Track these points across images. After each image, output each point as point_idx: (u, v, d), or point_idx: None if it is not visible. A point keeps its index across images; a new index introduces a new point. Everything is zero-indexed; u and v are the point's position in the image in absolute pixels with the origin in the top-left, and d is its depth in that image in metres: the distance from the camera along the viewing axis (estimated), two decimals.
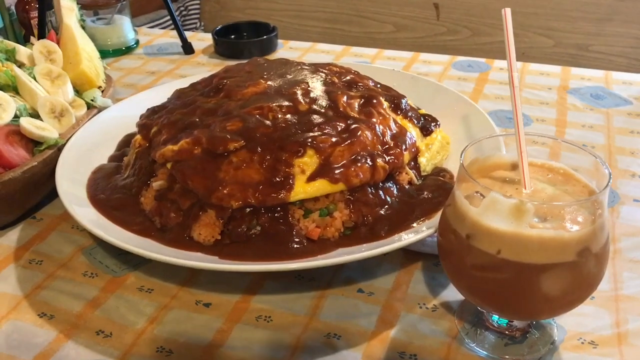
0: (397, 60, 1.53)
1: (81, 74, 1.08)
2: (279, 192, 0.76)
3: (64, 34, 1.14)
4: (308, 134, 0.80)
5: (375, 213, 0.79)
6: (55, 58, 1.09)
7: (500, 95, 1.32)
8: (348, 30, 2.33)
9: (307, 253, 0.74)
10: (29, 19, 1.54)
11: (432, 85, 1.13)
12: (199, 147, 0.80)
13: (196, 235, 0.78)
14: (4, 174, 0.85)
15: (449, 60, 1.51)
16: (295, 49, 1.61)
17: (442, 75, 1.43)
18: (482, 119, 0.99)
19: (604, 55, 2.08)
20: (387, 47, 2.26)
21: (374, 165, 0.80)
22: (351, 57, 1.56)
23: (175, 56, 1.59)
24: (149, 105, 1.09)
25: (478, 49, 2.19)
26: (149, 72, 1.49)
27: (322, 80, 0.92)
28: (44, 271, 0.83)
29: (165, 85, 1.18)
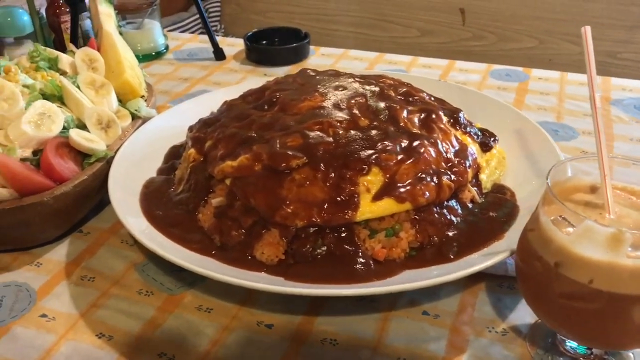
0: (432, 68, 1.51)
1: (125, 83, 1.06)
2: (345, 211, 0.74)
3: (105, 42, 1.12)
4: (371, 151, 0.78)
5: (442, 233, 0.77)
6: (97, 66, 1.07)
7: (543, 106, 1.29)
8: (372, 34, 2.31)
9: (374, 275, 0.72)
10: (59, 23, 1.51)
11: (480, 96, 1.11)
12: (259, 163, 0.78)
13: (259, 255, 0.76)
14: (56, 189, 0.83)
15: (486, 69, 1.49)
16: (327, 56, 1.59)
17: (480, 84, 1.41)
18: (537, 133, 0.97)
19: (634, 62, 2.06)
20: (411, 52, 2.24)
21: (439, 184, 0.78)
22: (385, 65, 1.54)
23: (206, 62, 1.57)
24: (192, 115, 1.07)
25: (504, 55, 2.17)
26: (182, 78, 1.47)
27: (378, 93, 0.90)
28: (98, 288, 0.81)
29: (207, 95, 1.15)
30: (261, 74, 1.48)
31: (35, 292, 0.81)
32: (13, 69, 0.93)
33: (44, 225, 0.86)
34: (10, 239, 0.86)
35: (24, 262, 0.86)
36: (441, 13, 2.18)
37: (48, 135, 0.87)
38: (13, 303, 0.79)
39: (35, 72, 0.99)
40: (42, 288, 0.81)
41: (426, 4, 2.18)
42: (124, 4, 1.52)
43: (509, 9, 2.11)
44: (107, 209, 0.97)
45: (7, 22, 1.44)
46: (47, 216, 0.84)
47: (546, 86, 1.39)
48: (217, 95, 1.14)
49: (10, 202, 0.80)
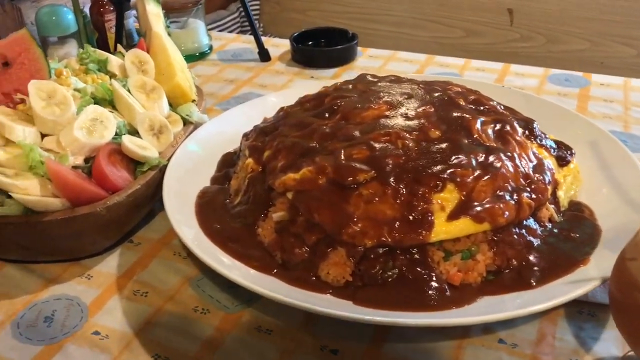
0: (487, 72, 1.44)
1: (176, 87, 1.02)
2: (418, 231, 0.69)
3: (154, 43, 1.09)
4: (446, 165, 0.72)
5: (521, 256, 0.72)
6: (147, 69, 1.03)
7: (608, 114, 1.22)
8: (414, 34, 2.24)
9: (451, 302, 0.67)
10: (103, 22, 1.49)
11: (548, 104, 1.04)
12: (323, 176, 0.74)
13: (324, 275, 0.71)
14: (109, 199, 0.80)
15: (543, 73, 1.42)
16: (375, 57, 1.54)
17: (539, 89, 1.34)
18: (613, 145, 0.91)
19: None
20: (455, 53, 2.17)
21: (519, 202, 0.72)
22: (436, 67, 1.48)
23: (251, 63, 1.53)
24: (244, 121, 1.03)
25: (553, 57, 2.09)
26: (227, 80, 1.43)
27: (447, 101, 0.85)
28: (151, 304, 0.77)
29: (259, 99, 1.11)
30: (308, 77, 1.44)
31: (86, 307, 0.77)
32: (65, 72, 0.90)
33: (95, 236, 0.82)
34: (60, 250, 0.82)
35: (74, 274, 0.83)
36: (488, 13, 2.11)
37: (100, 142, 0.83)
38: (64, 318, 0.75)
39: (85, 75, 0.96)
40: (93, 302, 0.78)
41: (472, 3, 2.11)
42: (169, 2, 1.49)
43: (559, 10, 2.03)
44: (157, 219, 0.93)
45: (52, 21, 1.41)
46: (99, 227, 0.81)
47: (609, 93, 1.32)
48: (269, 100, 1.09)
49: (63, 213, 0.77)
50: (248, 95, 1.34)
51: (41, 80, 0.85)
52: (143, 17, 1.18)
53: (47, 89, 0.84)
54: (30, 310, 0.77)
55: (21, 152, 0.79)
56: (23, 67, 0.90)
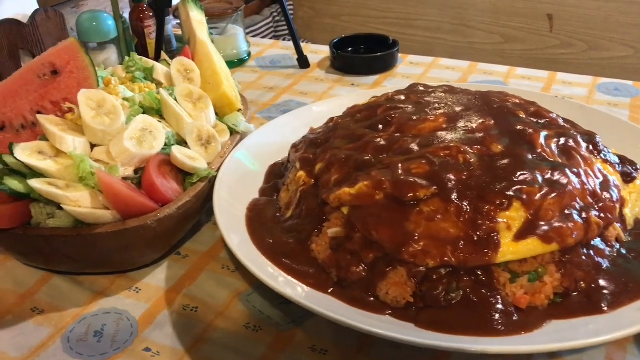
0: (532, 80, 1.40)
1: (223, 96, 1.00)
2: (484, 251, 0.66)
3: (199, 51, 1.07)
4: (511, 182, 0.69)
5: (590, 278, 0.68)
6: (193, 77, 1.02)
7: None
8: (450, 40, 2.21)
9: (518, 327, 0.64)
10: (142, 28, 1.48)
11: (605, 116, 1.01)
12: (381, 191, 0.71)
13: (382, 295, 0.69)
14: (160, 211, 0.78)
15: (592, 82, 1.38)
16: (416, 65, 1.51)
17: (588, 99, 1.30)
18: None
19: None
20: (493, 60, 2.13)
21: (587, 221, 0.69)
22: (479, 75, 1.44)
23: (290, 70, 1.51)
24: (290, 131, 1.01)
25: (594, 64, 2.03)
26: (267, 87, 1.41)
27: (507, 114, 0.82)
28: (202, 320, 0.75)
29: (305, 109, 1.09)
30: (348, 84, 1.41)
31: (136, 322, 0.76)
32: (113, 81, 0.89)
33: (145, 248, 0.81)
34: (108, 262, 0.81)
35: (122, 287, 0.82)
36: (527, 19, 2.06)
37: (150, 153, 0.82)
38: (114, 333, 0.74)
39: (132, 84, 0.94)
40: (143, 317, 0.77)
41: (511, 9, 2.07)
42: (209, 9, 1.47)
43: (601, 15, 1.98)
44: (204, 230, 0.92)
45: (93, 27, 1.41)
46: (148, 240, 0.79)
47: None
48: (315, 109, 1.07)
49: (113, 225, 0.76)
50: (288, 103, 1.32)
51: (91, 90, 0.84)
52: (186, 24, 1.17)
53: (96, 99, 0.83)
54: (80, 324, 0.76)
55: (71, 163, 0.77)
56: (71, 76, 0.89)
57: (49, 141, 0.79)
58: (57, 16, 1.31)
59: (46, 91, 0.87)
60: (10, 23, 1.21)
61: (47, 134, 0.79)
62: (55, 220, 0.75)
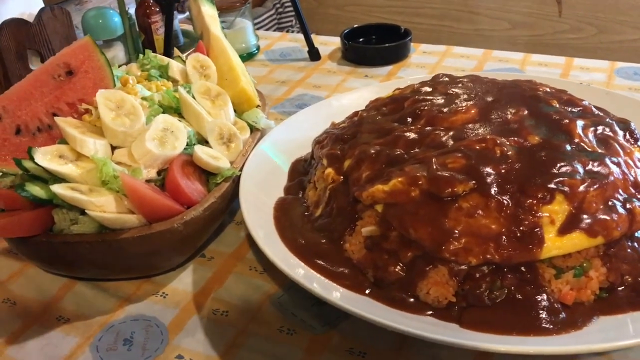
0: (549, 67, 1.38)
1: (241, 92, 0.97)
2: (528, 247, 0.64)
3: (214, 46, 1.05)
4: (552, 175, 0.67)
5: (637, 271, 0.66)
6: (209, 74, 0.99)
7: None
8: (457, 27, 2.18)
9: (567, 325, 0.62)
10: (149, 23, 1.45)
11: (633, 102, 0.98)
12: (416, 188, 0.69)
13: (423, 295, 0.66)
14: (186, 213, 0.76)
15: (610, 67, 1.36)
16: (429, 54, 1.48)
17: (608, 84, 1.28)
18: None
19: None
20: (501, 46, 2.10)
21: (632, 212, 0.67)
22: (495, 63, 1.42)
23: (301, 63, 1.48)
24: (310, 126, 0.99)
25: (604, 48, 2.01)
26: (279, 81, 1.39)
27: (540, 103, 0.79)
28: (234, 325, 0.73)
29: (323, 103, 1.06)
30: (362, 75, 1.39)
31: (165, 328, 0.74)
32: (131, 81, 0.86)
33: (171, 252, 0.79)
34: (134, 267, 0.79)
35: (148, 292, 0.79)
36: (535, 4, 2.03)
37: (173, 154, 0.79)
38: (144, 341, 0.72)
39: (149, 82, 0.92)
40: (172, 323, 0.74)
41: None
42: (217, 2, 1.44)
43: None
44: (227, 231, 0.89)
45: (99, 24, 1.38)
46: (175, 243, 0.77)
47: None
48: (335, 103, 1.05)
49: (139, 230, 0.73)
50: (302, 97, 1.30)
51: (108, 90, 0.82)
52: (198, 19, 1.14)
53: (115, 99, 0.80)
54: (108, 332, 0.73)
55: (93, 167, 0.75)
56: (87, 76, 0.86)
57: (69, 144, 0.76)
58: (64, 14, 1.28)
59: (61, 92, 0.84)
60: (17, 23, 1.18)
61: (67, 137, 0.76)
62: (79, 226, 0.73)
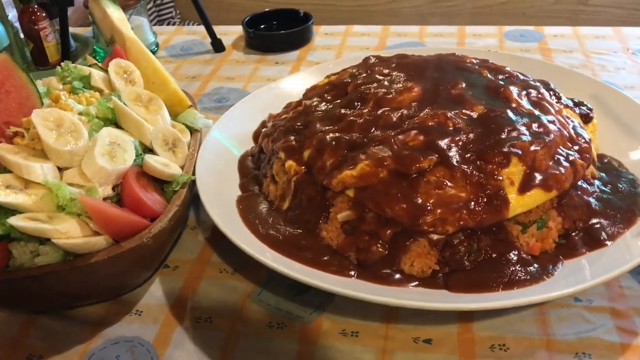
0: (445, 37, 1.46)
1: (173, 94, 0.95)
2: (496, 209, 0.69)
3: (132, 50, 1.01)
4: (505, 140, 0.73)
5: (585, 217, 0.74)
6: (134, 79, 0.95)
7: (575, 64, 1.28)
8: (340, 5, 2.23)
9: (540, 274, 0.68)
10: (37, 31, 1.35)
11: (538, 63, 1.08)
12: (383, 168, 0.72)
13: (407, 268, 0.70)
14: (153, 226, 0.73)
15: (498, 31, 1.46)
16: (331, 35, 1.51)
17: (501, 48, 1.38)
18: (616, 95, 0.95)
19: (603, 7, 2.10)
20: (384, 20, 2.18)
21: (574, 165, 0.74)
22: (396, 38, 1.48)
23: (206, 55, 1.45)
24: (246, 120, 1.00)
25: (478, 12, 2.16)
26: (188, 77, 1.35)
27: (473, 74, 0.85)
28: (221, 329, 0.73)
29: (252, 96, 1.05)
30: (272, 63, 1.39)
31: (151, 346, 0.72)
32: (63, 96, 0.81)
33: (141, 268, 0.76)
34: (104, 290, 0.76)
35: (120, 313, 0.76)
36: None
37: (125, 167, 0.76)
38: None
39: (77, 96, 0.86)
40: (157, 339, 0.72)
41: None
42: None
43: None
44: (184, 238, 0.88)
45: None
46: (145, 258, 0.74)
47: (566, 43, 1.38)
48: (265, 94, 1.05)
49: (109, 250, 0.70)
50: (219, 91, 1.28)
51: (43, 109, 0.77)
52: (105, 22, 1.09)
53: (52, 118, 0.76)
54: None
55: (46, 192, 0.71)
56: (9, 97, 0.80)
57: (13, 173, 0.71)
58: None
59: None
60: None
61: (9, 165, 0.71)
62: (42, 257, 0.68)
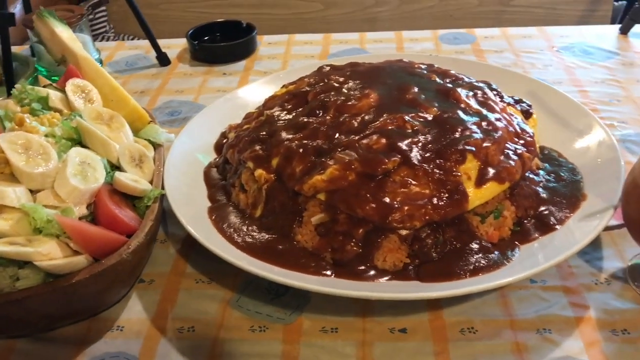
0: (385, 42, 1.53)
1: (133, 110, 0.96)
2: (457, 202, 0.75)
3: (86, 69, 1.01)
4: (460, 138, 0.79)
5: (535, 204, 0.81)
6: (92, 97, 0.95)
7: (506, 64, 1.37)
8: (275, 13, 2.27)
9: (500, 260, 0.74)
10: None
11: (474, 64, 1.15)
12: (351, 172, 0.77)
13: (381, 263, 0.75)
14: (131, 242, 0.75)
15: (433, 35, 1.54)
16: (275, 44, 1.55)
17: (438, 51, 1.46)
18: (549, 91, 1.04)
19: (524, 7, 2.23)
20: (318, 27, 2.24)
21: (521, 157, 0.81)
22: (338, 45, 1.53)
23: (152, 70, 1.46)
24: (207, 132, 1.02)
25: (409, 17, 2.24)
26: (137, 92, 1.36)
27: (423, 79, 0.91)
28: (205, 338, 0.75)
29: (212, 108, 1.08)
30: (220, 74, 1.41)
31: (138, 359, 0.73)
32: (27, 119, 0.81)
33: (120, 284, 0.77)
34: (85, 309, 0.76)
35: (101, 330, 0.77)
36: None
37: (97, 186, 0.77)
38: None
39: (39, 118, 0.86)
40: (142, 353, 0.74)
41: None
42: None
43: None
44: (155, 252, 0.89)
45: None
46: (124, 275, 0.76)
47: (496, 44, 1.48)
48: (221, 106, 1.08)
49: (90, 269, 0.71)
50: (170, 104, 1.29)
51: (10, 133, 0.76)
52: (53, 42, 1.08)
53: (20, 142, 0.76)
54: None
55: (20, 216, 0.71)
56: None
57: None
58: None
59: None
60: None
61: None
62: (23, 281, 0.69)
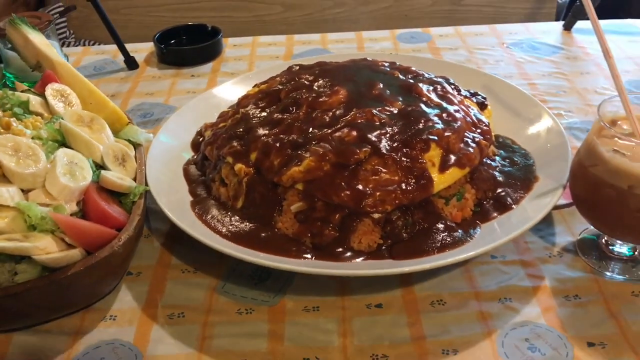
0: (345, 42, 1.60)
1: (113, 112, 1.00)
2: (424, 187, 0.82)
3: (63, 74, 1.04)
4: (423, 129, 0.86)
5: (492, 187, 0.89)
6: (71, 101, 0.99)
7: (461, 61, 1.46)
8: (236, 16, 2.31)
9: (464, 238, 0.82)
10: None
11: (432, 62, 1.23)
12: (326, 163, 0.83)
13: (357, 245, 0.81)
14: (121, 235, 0.79)
15: (391, 35, 1.62)
16: (241, 46, 1.60)
17: (397, 50, 1.54)
18: (501, 85, 1.12)
19: (474, 7, 2.34)
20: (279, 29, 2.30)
21: (479, 145, 0.89)
22: (301, 46, 1.59)
23: (120, 73, 1.49)
24: (184, 131, 1.06)
25: (366, 17, 2.32)
26: (108, 95, 1.35)
27: (387, 76, 0.98)
28: (194, 322, 0.80)
29: (183, 110, 1.12)
30: (188, 76, 1.46)
31: (133, 345, 0.78)
32: (14, 123, 0.85)
33: (112, 276, 0.82)
34: (80, 300, 0.80)
35: (95, 320, 0.81)
36: None
37: (85, 184, 0.81)
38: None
39: (23, 122, 0.89)
40: (137, 339, 0.78)
41: None
42: None
43: None
44: (141, 246, 0.93)
45: None
46: (115, 267, 0.80)
47: (451, 42, 1.56)
48: (195, 106, 1.13)
49: (84, 262, 0.75)
50: (142, 106, 1.33)
51: None
52: (28, 49, 1.11)
53: (9, 144, 0.79)
54: None
55: (15, 214, 0.75)
56: None
57: None
58: None
59: None
60: None
61: None
62: (22, 275, 0.73)
